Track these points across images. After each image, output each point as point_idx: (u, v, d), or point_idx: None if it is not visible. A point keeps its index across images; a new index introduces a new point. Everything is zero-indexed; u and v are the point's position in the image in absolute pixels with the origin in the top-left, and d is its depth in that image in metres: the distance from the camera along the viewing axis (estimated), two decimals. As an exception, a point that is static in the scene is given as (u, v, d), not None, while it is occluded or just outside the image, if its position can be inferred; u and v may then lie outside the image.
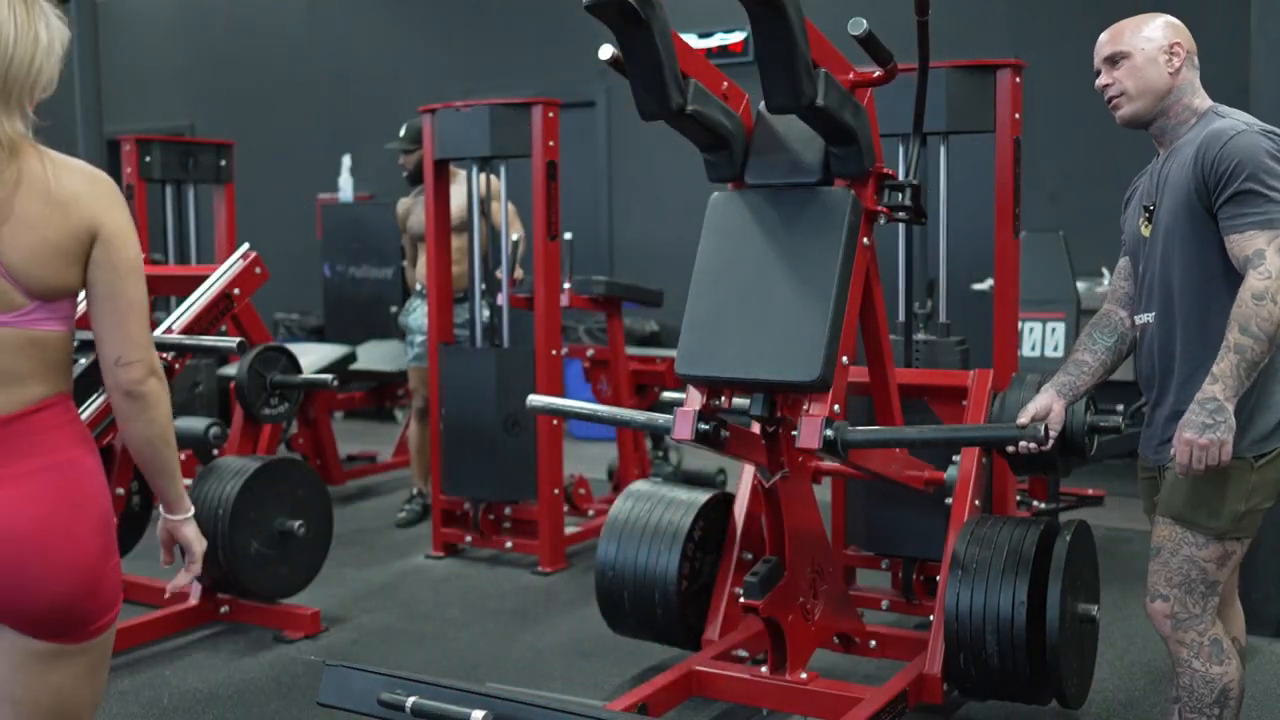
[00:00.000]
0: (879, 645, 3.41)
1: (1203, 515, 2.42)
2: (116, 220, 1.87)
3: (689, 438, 2.71)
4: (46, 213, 1.80)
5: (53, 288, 1.84)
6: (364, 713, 2.01)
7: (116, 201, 1.88)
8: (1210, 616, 2.45)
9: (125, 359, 1.92)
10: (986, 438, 2.86)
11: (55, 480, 1.84)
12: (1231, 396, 2.31)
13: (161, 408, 1.96)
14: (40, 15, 1.83)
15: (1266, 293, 2.29)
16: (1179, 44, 2.55)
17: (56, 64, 1.86)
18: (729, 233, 2.84)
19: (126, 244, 1.89)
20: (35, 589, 1.79)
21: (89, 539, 1.84)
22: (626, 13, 2.42)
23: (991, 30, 7.11)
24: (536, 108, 4.64)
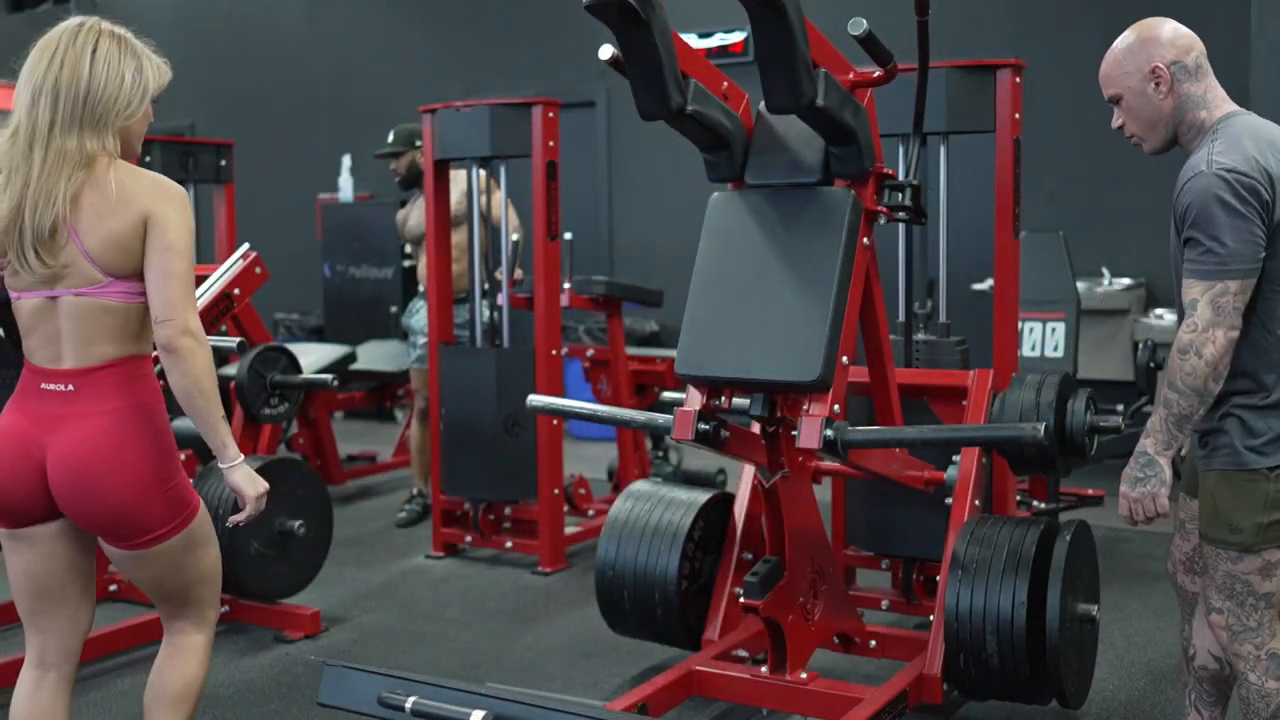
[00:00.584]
0: (879, 645, 3.41)
1: (1224, 531, 2.39)
2: (164, 210, 2.30)
3: (689, 438, 2.71)
4: (114, 209, 2.27)
5: (121, 268, 2.30)
6: (364, 713, 2.01)
7: (170, 199, 2.32)
8: (1269, 629, 2.41)
9: (161, 318, 2.30)
10: (986, 438, 2.86)
11: (114, 421, 2.31)
12: (1163, 450, 2.37)
13: (195, 362, 2.30)
14: (131, 59, 2.42)
15: (1190, 346, 2.31)
16: (1159, 66, 2.43)
17: (145, 99, 2.40)
18: (729, 233, 2.84)
19: (169, 229, 2.29)
20: (96, 503, 2.30)
21: (137, 468, 2.30)
22: (626, 13, 2.42)
23: (991, 30, 7.11)
24: (536, 108, 4.64)
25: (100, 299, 2.30)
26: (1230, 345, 2.31)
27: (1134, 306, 6.30)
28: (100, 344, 2.33)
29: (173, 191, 2.34)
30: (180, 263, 2.30)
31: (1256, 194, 2.29)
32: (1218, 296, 2.30)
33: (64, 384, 2.33)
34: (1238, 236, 2.28)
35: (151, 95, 2.42)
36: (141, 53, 2.46)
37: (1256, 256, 2.30)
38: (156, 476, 2.33)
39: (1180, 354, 2.32)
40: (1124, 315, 6.25)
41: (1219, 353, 2.30)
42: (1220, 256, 2.29)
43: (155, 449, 2.34)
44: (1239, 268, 2.29)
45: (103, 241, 2.28)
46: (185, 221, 2.33)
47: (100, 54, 2.37)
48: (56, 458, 2.30)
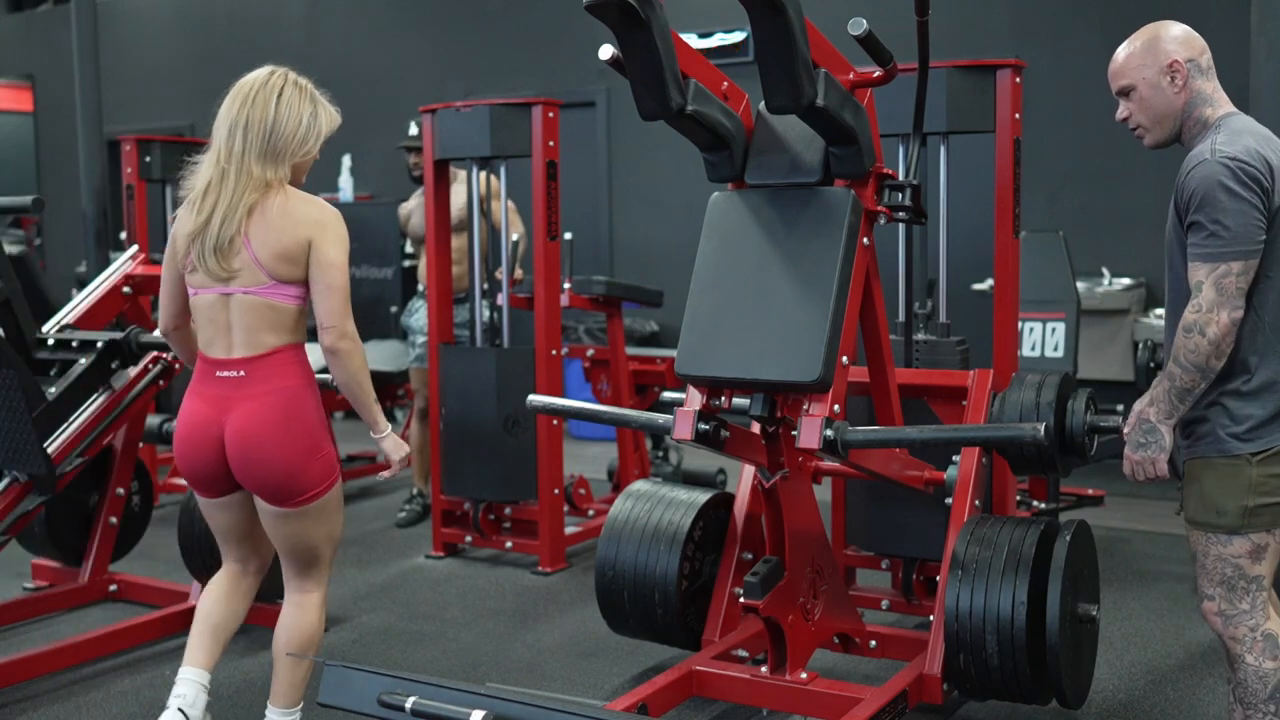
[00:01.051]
0: (879, 645, 3.41)
1: (1211, 515, 2.48)
2: (324, 234, 2.79)
3: (689, 438, 2.71)
4: (283, 227, 2.77)
5: (286, 275, 2.79)
6: (364, 713, 2.01)
7: (330, 224, 2.82)
8: (1261, 611, 2.48)
9: (325, 325, 2.80)
10: (986, 438, 2.86)
11: (275, 401, 2.78)
12: (1164, 419, 2.50)
13: (352, 360, 2.83)
14: (309, 104, 2.91)
15: (1195, 325, 2.41)
16: (1176, 61, 2.54)
17: (318, 140, 2.90)
18: (729, 233, 2.83)
19: (329, 249, 2.79)
20: (259, 469, 2.77)
21: (294, 440, 2.78)
22: (626, 13, 2.42)
23: (992, 30, 7.11)
24: (536, 108, 4.64)
25: (266, 298, 2.79)
26: (1233, 325, 2.40)
27: (1134, 306, 6.30)
28: (265, 335, 2.80)
29: (331, 217, 2.83)
30: (339, 277, 2.80)
31: (1258, 181, 2.38)
32: (1221, 278, 2.39)
33: (236, 370, 2.80)
34: (1239, 219, 2.37)
35: (324, 137, 2.92)
36: (318, 100, 2.94)
37: (1257, 239, 2.39)
38: (312, 445, 2.81)
39: (1185, 332, 2.42)
40: (1124, 315, 6.25)
41: (1222, 332, 2.39)
42: (1223, 239, 2.38)
43: (310, 422, 2.82)
44: (1241, 249, 2.38)
45: (273, 253, 2.76)
46: (341, 241, 2.82)
47: (284, 98, 2.88)
48: (231, 433, 2.78)
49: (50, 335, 3.92)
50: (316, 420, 2.84)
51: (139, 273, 4.35)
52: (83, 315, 4.13)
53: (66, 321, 4.05)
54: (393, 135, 9.05)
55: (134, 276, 4.34)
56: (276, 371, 2.80)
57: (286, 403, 2.79)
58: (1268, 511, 2.45)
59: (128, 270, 4.34)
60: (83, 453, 3.77)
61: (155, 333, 3.94)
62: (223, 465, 2.81)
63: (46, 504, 3.75)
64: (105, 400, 3.83)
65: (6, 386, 3.49)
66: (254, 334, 2.80)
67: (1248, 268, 2.39)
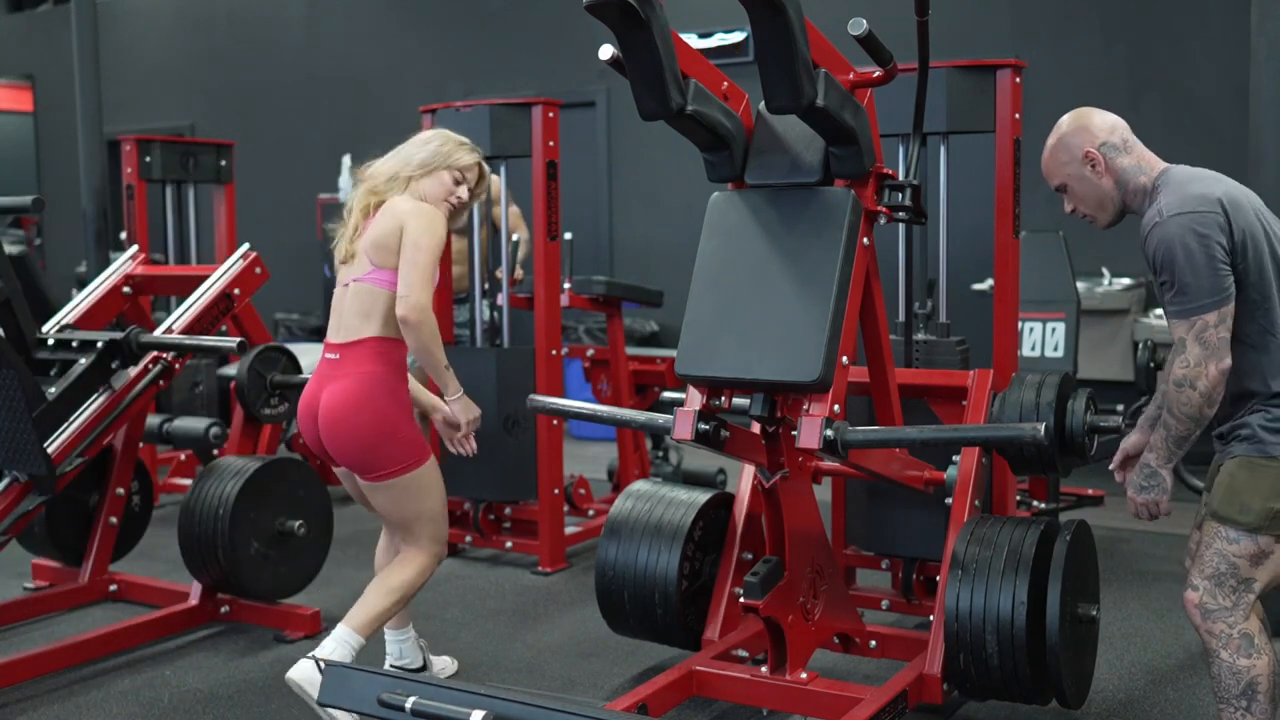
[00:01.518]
0: (879, 645, 3.41)
1: (1235, 510, 2.53)
2: (414, 220, 3.15)
3: (689, 438, 2.71)
4: (383, 218, 3.21)
5: (382, 261, 3.16)
6: (364, 713, 2.01)
7: (418, 214, 3.17)
8: (1242, 611, 2.52)
9: (401, 294, 3.10)
10: (986, 438, 2.86)
11: (355, 384, 3.13)
12: (1164, 463, 2.64)
13: (422, 330, 3.09)
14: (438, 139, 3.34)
15: (1185, 380, 2.53)
16: (1089, 151, 2.68)
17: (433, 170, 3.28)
18: (729, 233, 2.83)
19: (417, 231, 3.13)
20: (336, 443, 3.15)
21: (367, 421, 3.11)
22: (626, 13, 2.42)
23: (992, 30, 7.11)
24: (536, 108, 4.63)
25: (366, 283, 3.17)
26: (1222, 376, 2.51)
27: (1134, 306, 6.30)
28: (361, 322, 3.17)
29: (423, 208, 3.19)
30: (423, 257, 3.10)
31: (1211, 224, 2.49)
32: (1200, 332, 2.51)
33: (335, 354, 3.20)
34: (1202, 272, 2.48)
35: (443, 167, 3.29)
36: (451, 139, 3.34)
37: (1224, 286, 2.49)
38: (386, 428, 3.12)
39: (1177, 386, 2.55)
40: (1124, 315, 6.25)
41: (1211, 385, 2.51)
42: (1191, 294, 2.50)
43: (387, 408, 3.13)
44: (1210, 300, 2.49)
45: (372, 241, 3.17)
46: (429, 228, 3.14)
47: (423, 134, 3.39)
48: (321, 409, 3.16)
49: (50, 335, 3.92)
50: (392, 405, 3.15)
51: (139, 273, 4.35)
52: (83, 315, 4.13)
53: (66, 321, 4.05)
54: (393, 135, 9.05)
55: (134, 276, 4.34)
56: (364, 357, 3.16)
57: (366, 387, 3.13)
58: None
59: (128, 270, 4.34)
60: (83, 453, 3.77)
61: (156, 332, 3.94)
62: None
63: (46, 504, 3.75)
64: (105, 400, 3.83)
65: (6, 386, 3.49)
66: (353, 320, 3.19)
67: (1223, 315, 2.49)
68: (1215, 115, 6.52)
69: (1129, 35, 6.69)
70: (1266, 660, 2.52)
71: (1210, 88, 6.53)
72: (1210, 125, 6.55)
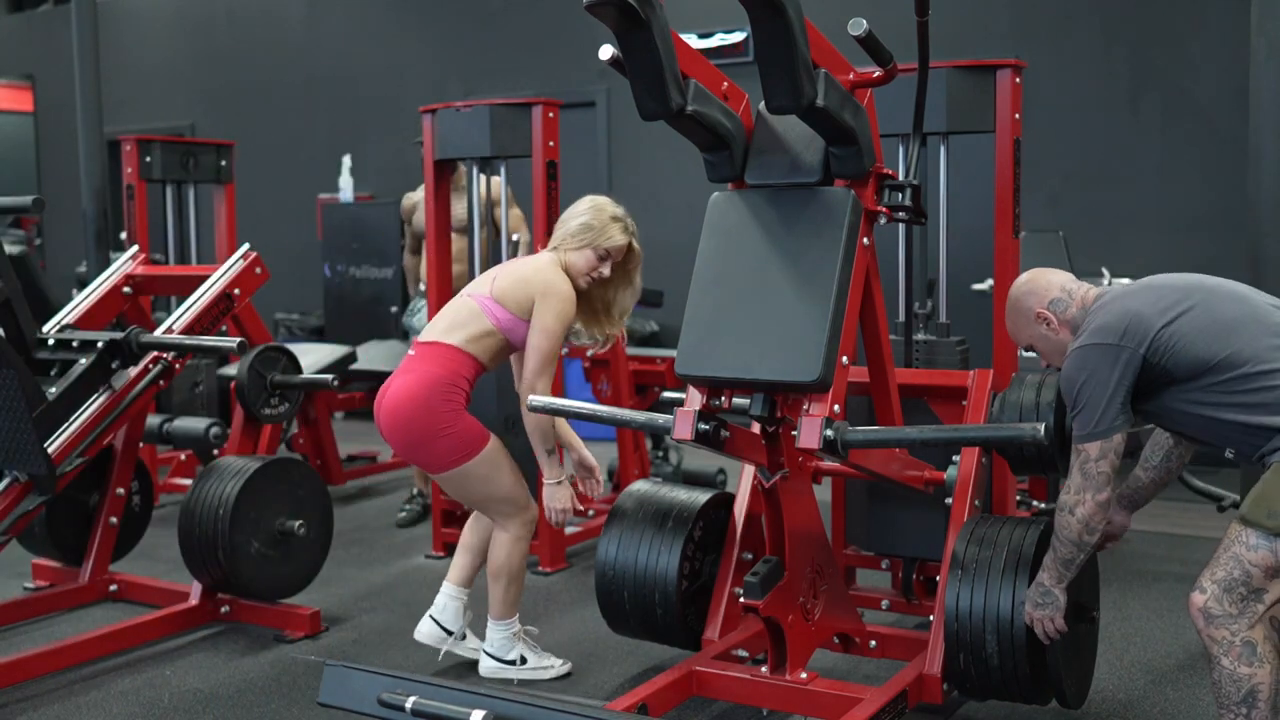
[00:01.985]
0: (879, 645, 3.41)
1: (1262, 514, 2.47)
2: (546, 303, 3.37)
3: (689, 438, 2.71)
4: (522, 276, 3.45)
5: (503, 302, 3.42)
6: (364, 713, 2.01)
7: (557, 296, 3.39)
8: (1247, 620, 2.46)
9: (522, 378, 3.47)
10: (986, 438, 2.86)
11: (414, 382, 3.34)
12: (1056, 583, 2.79)
13: (530, 417, 3.36)
14: (594, 213, 3.51)
15: (1066, 505, 2.69)
16: (1040, 312, 2.87)
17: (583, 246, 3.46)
18: (729, 233, 2.83)
19: (547, 315, 3.36)
20: (397, 439, 3.36)
21: (414, 420, 3.31)
22: (626, 13, 2.42)
23: (991, 30, 7.11)
24: (536, 108, 4.63)
25: (477, 302, 3.44)
26: (1100, 508, 2.66)
27: (1134, 306, 6.29)
28: (449, 330, 3.41)
29: (559, 291, 3.39)
30: (546, 343, 3.36)
31: (1105, 357, 2.62)
32: (1084, 463, 2.65)
33: (415, 351, 3.43)
34: (1092, 404, 2.62)
35: (591, 246, 3.46)
36: (607, 215, 3.50)
37: (1113, 419, 2.61)
38: (433, 428, 3.30)
39: (1059, 510, 2.71)
40: (1124, 315, 6.23)
41: (1088, 514, 2.67)
42: (1080, 424, 2.65)
43: (439, 407, 3.31)
44: (1095, 431, 2.62)
45: (503, 288, 3.42)
46: (560, 314, 3.37)
47: (584, 204, 3.55)
48: (384, 402, 3.37)
49: (50, 335, 3.92)
50: (444, 405, 3.31)
51: (139, 273, 4.35)
52: (83, 315, 4.13)
53: (66, 321, 4.05)
54: (393, 135, 9.07)
55: (134, 276, 4.34)
56: (434, 358, 3.37)
57: (424, 388, 3.31)
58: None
59: (128, 270, 4.34)
60: (83, 453, 3.77)
61: (156, 332, 3.94)
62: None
63: (47, 504, 3.75)
64: (105, 400, 3.83)
65: (6, 386, 3.49)
66: (443, 325, 3.44)
67: (1103, 449, 2.62)
68: (1215, 115, 6.53)
69: (1129, 35, 6.69)
70: (1269, 669, 2.46)
71: (1210, 88, 6.53)
72: (1210, 125, 6.55)
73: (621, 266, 3.60)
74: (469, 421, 3.37)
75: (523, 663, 3.60)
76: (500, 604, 3.56)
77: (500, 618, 3.59)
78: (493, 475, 3.42)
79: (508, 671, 3.58)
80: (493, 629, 3.61)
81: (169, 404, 5.69)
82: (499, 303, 3.41)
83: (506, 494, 3.47)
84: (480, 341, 3.42)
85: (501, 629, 3.59)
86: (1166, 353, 2.60)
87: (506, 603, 3.56)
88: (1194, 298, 2.65)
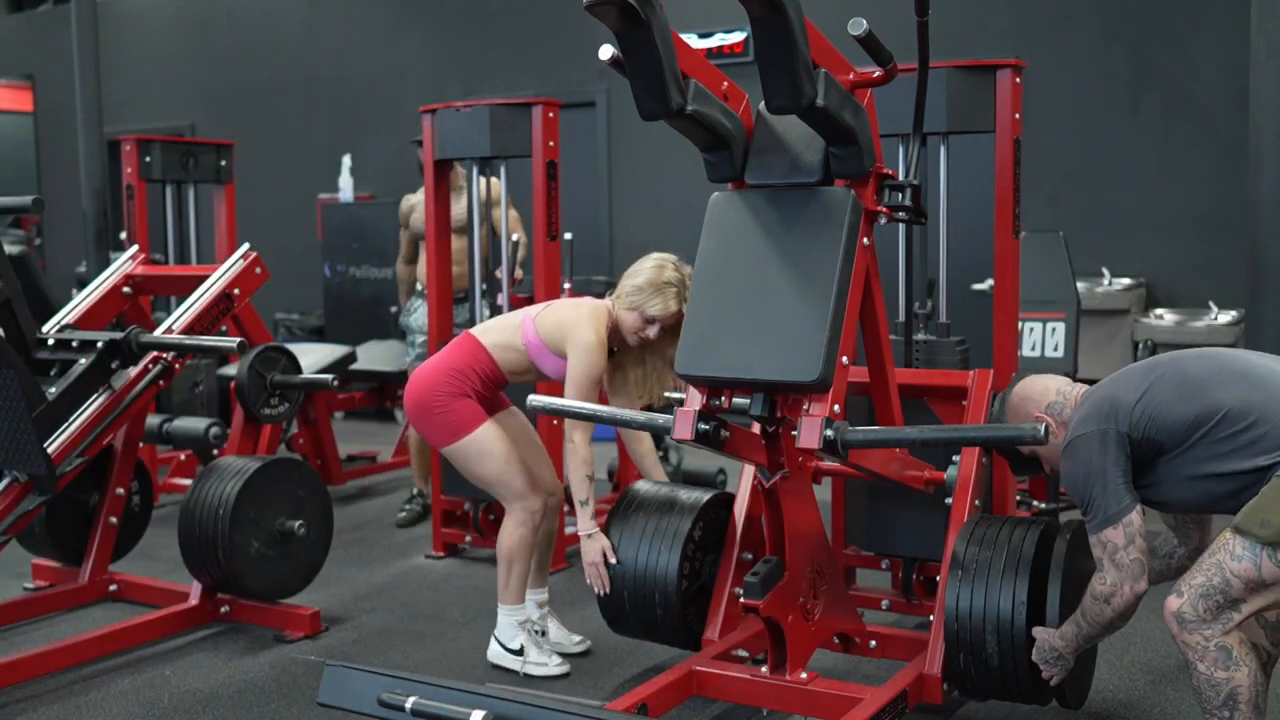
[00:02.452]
0: (879, 645, 3.41)
1: (1255, 524, 2.44)
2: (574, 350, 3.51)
3: (689, 438, 2.71)
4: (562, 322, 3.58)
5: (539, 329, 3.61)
6: (364, 713, 2.01)
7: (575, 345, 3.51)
8: (1221, 625, 2.45)
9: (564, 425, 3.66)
10: (987, 438, 2.86)
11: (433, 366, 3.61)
12: (1071, 652, 2.81)
13: (570, 460, 3.51)
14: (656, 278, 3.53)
15: (1102, 595, 2.67)
16: (1039, 415, 2.89)
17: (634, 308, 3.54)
18: (729, 233, 2.83)
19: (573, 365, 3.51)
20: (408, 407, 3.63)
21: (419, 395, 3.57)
22: (626, 13, 2.42)
23: (991, 30, 7.11)
24: (536, 108, 4.63)
25: (520, 318, 3.65)
26: (1138, 598, 2.63)
27: (1134, 306, 6.30)
28: (487, 332, 3.66)
29: (582, 343, 3.49)
30: (573, 390, 3.48)
31: (1100, 438, 2.63)
32: (1112, 554, 2.63)
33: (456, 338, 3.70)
34: (1097, 490, 2.62)
35: (639, 309, 3.52)
36: (662, 286, 3.51)
37: (1121, 499, 2.61)
38: (431, 403, 3.54)
39: (1093, 599, 2.70)
40: (1124, 315, 6.25)
41: (1125, 604, 2.65)
42: (1093, 512, 2.64)
43: (441, 387, 3.54)
44: (1107, 516, 2.62)
45: (546, 318, 3.60)
46: (583, 364, 3.48)
47: (648, 264, 3.57)
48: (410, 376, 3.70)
49: (50, 335, 3.92)
50: (444, 388, 3.53)
51: (139, 273, 4.35)
52: (83, 315, 4.13)
53: (66, 321, 4.05)
54: (393, 135, 9.06)
55: (134, 276, 4.34)
56: (458, 348, 3.62)
57: (436, 368, 3.58)
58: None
59: (128, 270, 4.34)
60: (83, 453, 3.77)
61: (156, 332, 3.94)
62: None
63: (46, 504, 3.75)
64: (105, 400, 3.83)
65: (6, 386, 3.49)
66: (487, 327, 3.69)
67: (1130, 535, 2.60)
68: (1215, 115, 6.53)
69: (1129, 35, 6.69)
70: (1247, 671, 2.44)
71: (1210, 88, 6.54)
72: (1210, 125, 6.56)
73: (676, 330, 3.50)
74: (465, 405, 3.55)
75: (522, 653, 3.62)
76: (503, 588, 3.67)
77: (504, 602, 3.68)
78: (482, 459, 3.58)
79: (509, 660, 3.66)
80: (499, 613, 3.69)
81: (169, 404, 5.69)
82: (537, 327, 3.58)
83: (496, 478, 3.60)
84: (505, 351, 3.60)
85: (506, 614, 3.67)
86: (1147, 423, 2.62)
87: (509, 588, 3.66)
88: (1160, 368, 2.69)
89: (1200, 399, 2.59)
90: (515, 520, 3.64)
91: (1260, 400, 2.55)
